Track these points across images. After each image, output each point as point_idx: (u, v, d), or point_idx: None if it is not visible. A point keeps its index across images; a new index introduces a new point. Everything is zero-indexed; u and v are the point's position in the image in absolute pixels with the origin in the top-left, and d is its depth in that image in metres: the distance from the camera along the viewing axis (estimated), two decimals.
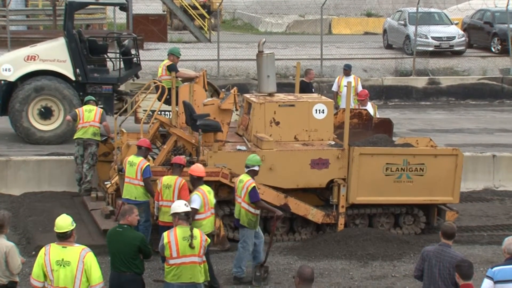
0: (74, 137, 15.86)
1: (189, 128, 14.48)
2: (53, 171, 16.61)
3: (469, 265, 8.53)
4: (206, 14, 35.94)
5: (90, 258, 8.51)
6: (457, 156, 14.17)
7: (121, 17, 31.66)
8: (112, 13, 31.45)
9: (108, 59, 19.80)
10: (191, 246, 9.51)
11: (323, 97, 15.33)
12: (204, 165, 13.42)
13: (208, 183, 13.09)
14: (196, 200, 11.60)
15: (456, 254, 9.24)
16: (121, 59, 19.29)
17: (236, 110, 15.06)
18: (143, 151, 13.12)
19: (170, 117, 15.21)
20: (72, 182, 16.36)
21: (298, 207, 13.83)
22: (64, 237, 8.58)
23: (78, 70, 18.68)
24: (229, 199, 13.75)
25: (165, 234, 9.69)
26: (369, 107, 16.91)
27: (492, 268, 8.73)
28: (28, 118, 18.61)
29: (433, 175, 14.06)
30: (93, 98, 16.44)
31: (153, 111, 15.29)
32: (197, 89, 14.89)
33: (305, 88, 17.37)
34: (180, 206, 9.85)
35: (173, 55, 15.94)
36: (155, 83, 15.72)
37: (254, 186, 12.10)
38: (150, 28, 30.15)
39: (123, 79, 19.32)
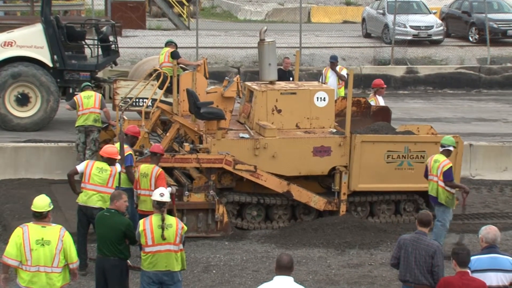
0: (76, 125, 15.81)
1: (191, 116, 14.54)
2: (30, 158, 16.52)
3: (467, 253, 8.54)
4: (185, 1, 35.78)
5: (68, 238, 8.77)
6: (457, 143, 14.29)
7: (99, 4, 31.43)
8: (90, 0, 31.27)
9: (86, 46, 19.69)
10: (162, 237, 9.51)
11: (324, 85, 15.45)
12: (207, 152, 13.51)
13: (211, 170, 13.33)
14: (81, 165, 12.15)
15: (432, 242, 9.30)
16: (99, 46, 19.20)
17: (240, 97, 15.14)
18: (128, 139, 13.07)
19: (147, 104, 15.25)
20: (49, 169, 16.31)
21: (301, 194, 13.95)
22: (40, 217, 8.74)
23: (55, 57, 18.54)
24: (231, 187, 13.90)
25: (141, 221, 9.71)
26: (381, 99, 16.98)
27: None
28: (5, 105, 18.47)
29: None
30: (90, 84, 16.42)
31: (154, 100, 15.33)
32: (198, 77, 14.99)
33: (282, 76, 17.35)
34: (154, 194, 9.87)
35: (173, 43, 16.73)
36: (156, 70, 15.76)
37: (451, 166, 12.73)
38: (129, 15, 29.99)
39: (101, 66, 19.21)
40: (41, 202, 8.79)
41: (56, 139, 17.40)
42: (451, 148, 13.01)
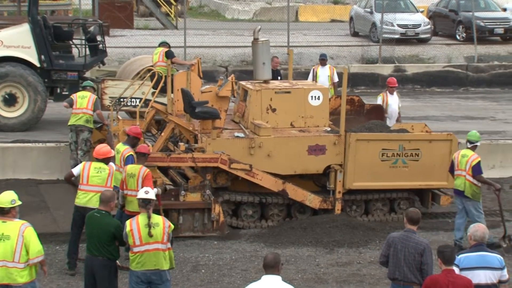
0: (68, 124, 15.79)
1: (186, 115, 14.54)
2: (17, 158, 16.47)
3: (451, 251, 8.56)
4: (172, 1, 35.72)
5: (30, 233, 8.83)
6: (452, 141, 14.43)
7: (86, 3, 31.34)
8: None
9: (73, 46, 19.64)
10: (149, 234, 9.49)
11: (318, 84, 15.43)
12: (202, 152, 13.51)
13: (207, 169, 13.37)
14: (76, 168, 12.10)
15: (421, 240, 9.31)
16: (87, 46, 19.15)
17: (234, 97, 15.16)
18: (129, 140, 13.02)
19: (139, 104, 15.25)
20: (37, 169, 16.25)
21: (296, 193, 13.98)
22: (2, 212, 8.86)
23: (43, 57, 18.47)
24: (227, 186, 13.91)
25: (127, 222, 9.69)
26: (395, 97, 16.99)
27: (458, 255, 8.80)
28: None
29: (428, 160, 14.30)
30: (91, 84, 16.37)
31: (148, 100, 15.32)
32: (192, 77, 15.02)
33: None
34: (140, 193, 9.88)
35: (167, 44, 16.95)
36: (150, 70, 15.73)
37: (479, 161, 13.05)
38: (116, 14, 29.90)
39: (89, 66, 19.18)
40: (4, 198, 8.91)
41: (43, 139, 17.34)
42: (478, 143, 13.34)
